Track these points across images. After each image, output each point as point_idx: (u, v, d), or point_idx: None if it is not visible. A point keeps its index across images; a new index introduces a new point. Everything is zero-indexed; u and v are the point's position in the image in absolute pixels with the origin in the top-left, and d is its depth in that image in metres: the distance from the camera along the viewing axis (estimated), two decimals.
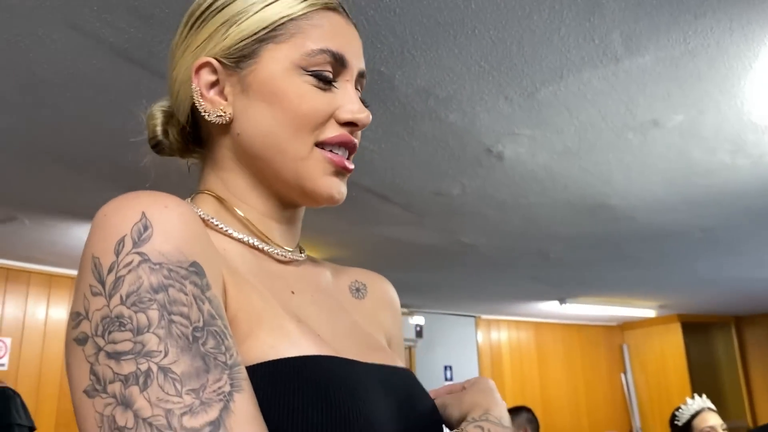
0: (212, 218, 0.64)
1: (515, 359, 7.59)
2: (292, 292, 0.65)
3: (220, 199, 0.66)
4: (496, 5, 1.68)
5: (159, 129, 0.68)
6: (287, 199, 0.67)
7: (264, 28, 0.62)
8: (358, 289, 0.79)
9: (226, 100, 0.63)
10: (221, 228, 0.64)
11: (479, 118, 2.34)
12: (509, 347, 7.69)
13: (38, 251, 4.24)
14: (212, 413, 0.43)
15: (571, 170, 2.88)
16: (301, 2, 0.63)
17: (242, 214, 0.65)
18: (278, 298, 0.61)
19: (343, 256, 4.51)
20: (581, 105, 2.25)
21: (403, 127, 2.40)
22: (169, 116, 0.69)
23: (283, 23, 0.62)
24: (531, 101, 2.22)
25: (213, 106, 0.63)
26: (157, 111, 0.69)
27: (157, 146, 0.69)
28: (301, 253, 0.72)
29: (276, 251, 0.67)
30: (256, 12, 0.62)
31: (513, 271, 5.11)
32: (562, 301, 6.42)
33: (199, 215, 0.62)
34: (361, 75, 0.68)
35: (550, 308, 6.89)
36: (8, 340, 4.37)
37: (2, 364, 4.24)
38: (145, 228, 0.47)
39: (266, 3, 0.62)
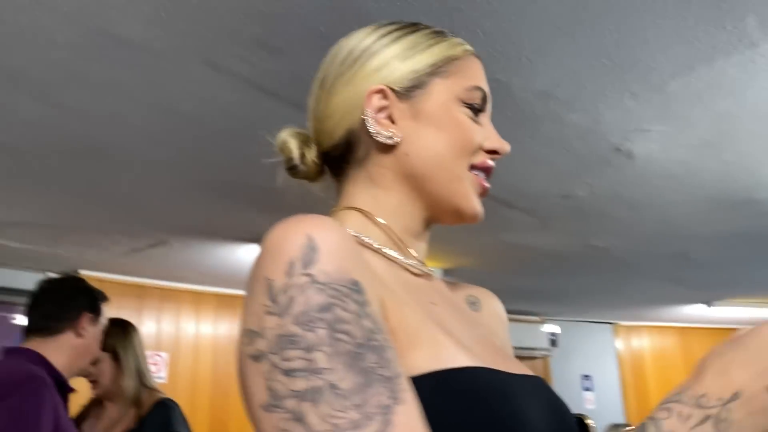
0: (359, 234, 0.68)
1: (659, 367, 7.17)
2: (433, 304, 0.68)
3: (366, 214, 0.71)
4: (615, 1, 1.63)
5: (296, 152, 0.73)
6: (433, 216, 0.74)
7: (432, 64, 0.71)
8: (473, 303, 0.82)
9: (394, 124, 0.70)
10: (368, 242, 0.68)
11: (604, 116, 2.27)
12: (652, 355, 7.27)
13: (186, 271, 4.60)
14: (374, 426, 0.45)
15: (710, 164, 2.70)
16: (459, 46, 0.74)
17: (389, 228, 0.70)
18: (425, 310, 0.64)
19: (469, 265, 4.49)
20: (716, 95, 2.11)
21: (524, 132, 2.38)
22: (304, 140, 0.74)
23: (447, 61, 0.71)
24: (660, 95, 2.11)
25: (384, 129, 0.69)
26: (291, 136, 0.74)
27: (292, 169, 0.74)
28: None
29: (414, 265, 0.71)
30: (425, 50, 0.71)
31: (651, 274, 4.85)
32: (709, 304, 6.00)
33: (349, 233, 0.67)
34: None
35: (697, 312, 6.45)
36: (166, 355, 4.77)
37: (162, 377, 4.63)
38: (312, 250, 0.51)
39: (431, 43, 0.72)
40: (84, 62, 1.82)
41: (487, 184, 0.73)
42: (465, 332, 0.66)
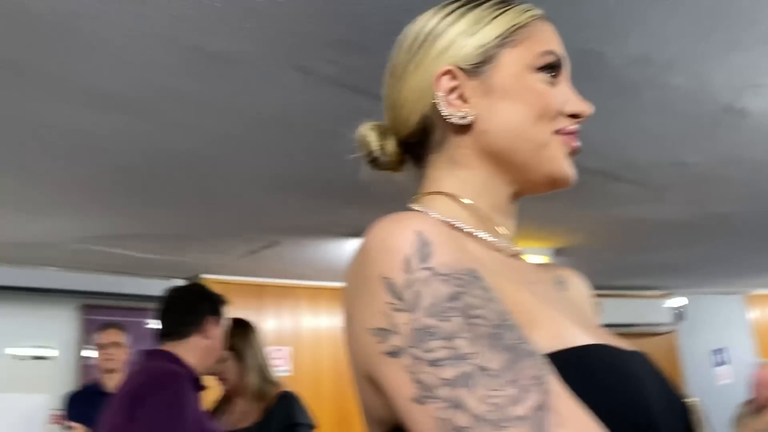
0: (449, 218, 0.68)
1: None
2: (534, 284, 0.68)
3: (452, 197, 0.70)
4: None
5: (375, 145, 0.74)
6: (522, 189, 0.72)
7: (498, 36, 0.69)
8: (560, 283, 0.79)
9: (466, 103, 0.69)
10: (459, 226, 0.68)
11: (710, 75, 2.13)
12: None
13: (301, 269, 4.78)
14: (535, 397, 0.46)
15: None
16: (525, 12, 0.71)
17: (477, 209, 0.70)
18: (531, 290, 0.64)
19: (579, 243, 4.36)
20: None
21: (623, 101, 2.28)
22: (382, 132, 0.75)
23: (514, 30, 0.70)
24: None
25: (457, 109, 0.69)
26: (370, 129, 0.75)
27: (374, 161, 0.76)
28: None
29: (507, 245, 0.70)
30: (489, 22, 0.70)
31: None
32: None
33: (440, 219, 0.66)
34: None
35: None
36: (289, 349, 4.98)
37: (287, 370, 4.85)
38: (425, 245, 0.52)
39: (495, 14, 0.70)
40: (181, 80, 1.94)
41: (576, 143, 0.71)
42: (566, 310, 0.66)
